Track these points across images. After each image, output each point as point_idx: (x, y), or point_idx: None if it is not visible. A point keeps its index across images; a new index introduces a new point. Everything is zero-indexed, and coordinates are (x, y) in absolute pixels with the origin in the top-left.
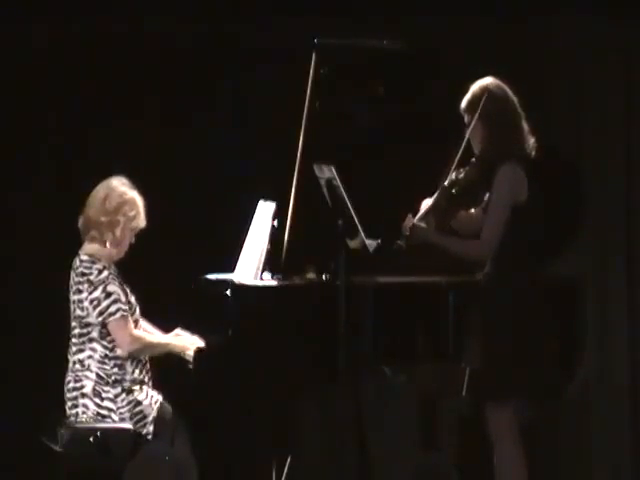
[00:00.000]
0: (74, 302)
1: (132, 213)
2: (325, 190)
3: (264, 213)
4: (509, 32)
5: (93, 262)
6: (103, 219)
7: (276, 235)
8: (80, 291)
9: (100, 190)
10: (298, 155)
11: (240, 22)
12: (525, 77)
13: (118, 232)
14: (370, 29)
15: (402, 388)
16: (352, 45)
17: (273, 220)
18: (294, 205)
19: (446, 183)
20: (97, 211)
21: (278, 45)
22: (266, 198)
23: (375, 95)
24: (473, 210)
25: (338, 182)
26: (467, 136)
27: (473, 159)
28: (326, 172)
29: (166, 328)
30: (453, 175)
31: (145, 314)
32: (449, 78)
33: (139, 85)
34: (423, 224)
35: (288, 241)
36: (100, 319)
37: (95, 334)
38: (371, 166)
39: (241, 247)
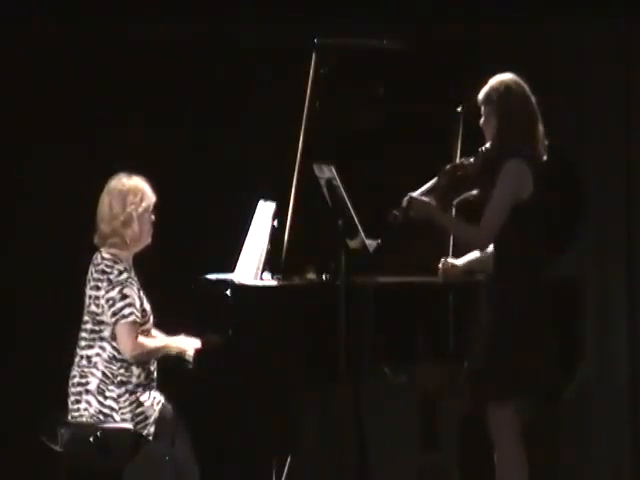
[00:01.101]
0: (90, 297)
1: (137, 198)
2: (325, 190)
3: (264, 213)
4: (509, 32)
5: (115, 262)
6: (116, 223)
7: (276, 235)
8: (98, 288)
9: (104, 199)
10: (298, 155)
11: (240, 22)
12: (525, 77)
13: (135, 226)
14: (370, 29)
15: (402, 388)
16: (352, 45)
17: (273, 220)
18: (294, 205)
19: (450, 165)
20: (108, 220)
21: (278, 45)
22: (266, 198)
23: (375, 95)
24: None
25: (338, 182)
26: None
27: (482, 148)
28: (326, 172)
29: (166, 328)
30: (460, 160)
31: None
32: (449, 78)
33: (139, 85)
34: (425, 199)
35: (288, 241)
36: (113, 319)
37: (107, 333)
38: (371, 166)
39: (241, 247)
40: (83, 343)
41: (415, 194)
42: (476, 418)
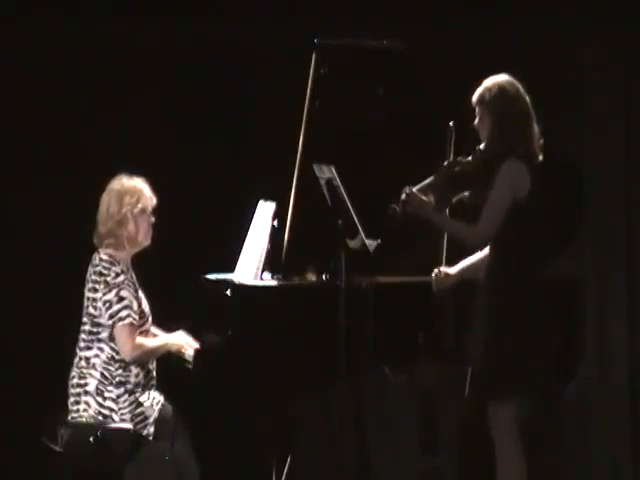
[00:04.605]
0: (88, 299)
1: (133, 199)
2: (325, 190)
3: (264, 213)
4: (509, 32)
5: (112, 264)
6: (112, 223)
7: (276, 235)
8: (96, 290)
9: (103, 199)
10: (298, 155)
11: (240, 22)
12: (525, 77)
13: (131, 226)
14: (370, 29)
15: (402, 388)
16: (352, 45)
17: (273, 220)
18: (294, 205)
19: (447, 162)
20: (105, 221)
21: (278, 45)
22: (266, 198)
23: (375, 95)
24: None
25: (338, 182)
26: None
27: (478, 147)
28: (326, 172)
29: (166, 328)
30: (458, 158)
31: None
32: (449, 78)
33: (139, 85)
34: (423, 197)
35: (288, 241)
36: (111, 322)
37: (104, 335)
38: (371, 166)
39: (241, 247)
40: (82, 344)
41: (414, 189)
42: (476, 418)
